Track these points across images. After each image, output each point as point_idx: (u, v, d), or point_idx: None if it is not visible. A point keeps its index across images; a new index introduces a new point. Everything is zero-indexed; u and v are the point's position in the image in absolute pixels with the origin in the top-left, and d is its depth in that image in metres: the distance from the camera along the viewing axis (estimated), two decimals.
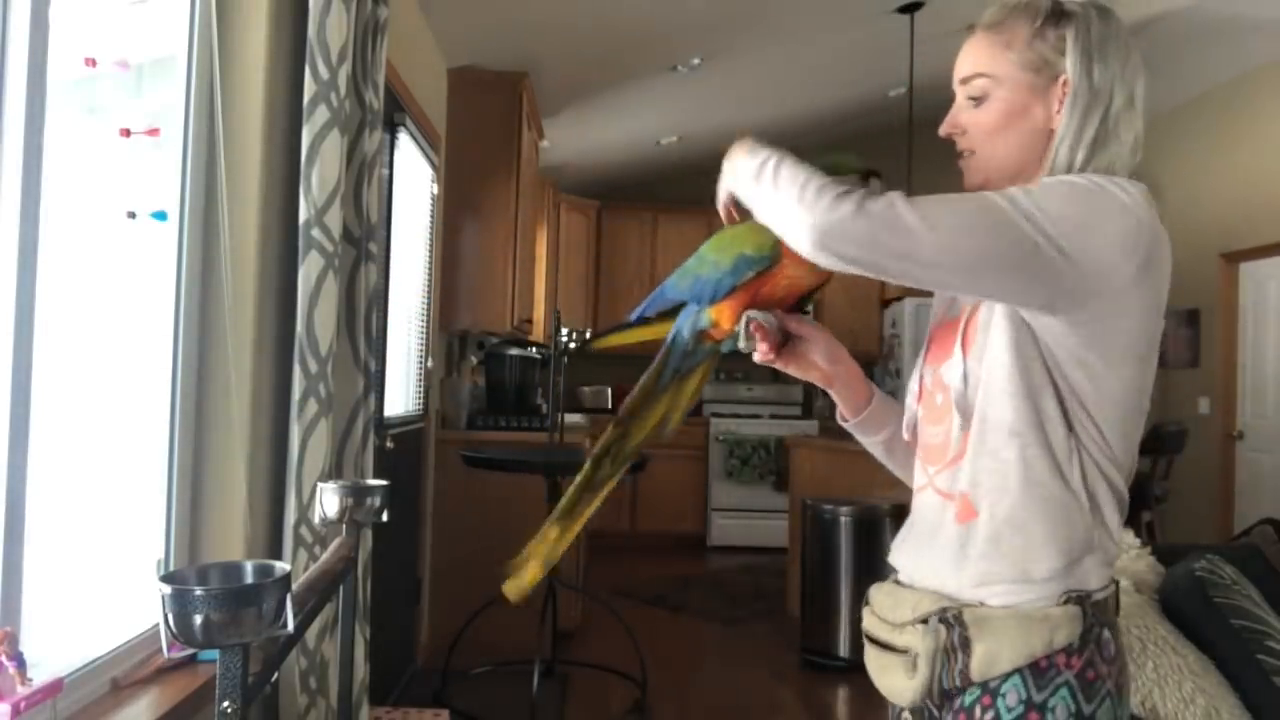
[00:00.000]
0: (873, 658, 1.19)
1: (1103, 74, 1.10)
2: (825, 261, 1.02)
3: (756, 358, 1.23)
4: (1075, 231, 1.01)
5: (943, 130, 1.19)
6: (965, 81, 1.16)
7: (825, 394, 1.34)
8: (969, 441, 1.10)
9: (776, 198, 1.04)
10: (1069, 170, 1.10)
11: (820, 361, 1.28)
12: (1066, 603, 1.06)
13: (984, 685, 1.06)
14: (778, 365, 1.26)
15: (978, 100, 1.15)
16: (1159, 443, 5.23)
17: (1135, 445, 1.10)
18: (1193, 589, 2.04)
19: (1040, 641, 1.04)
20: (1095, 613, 1.07)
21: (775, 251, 1.16)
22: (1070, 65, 1.10)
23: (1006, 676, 1.05)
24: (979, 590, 1.08)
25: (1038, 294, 1.03)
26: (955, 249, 1.00)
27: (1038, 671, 1.05)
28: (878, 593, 1.21)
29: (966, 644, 1.07)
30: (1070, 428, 1.06)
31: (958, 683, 1.08)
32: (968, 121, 1.17)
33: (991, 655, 1.06)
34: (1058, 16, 1.12)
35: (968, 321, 1.14)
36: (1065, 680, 1.04)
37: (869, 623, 1.20)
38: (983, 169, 1.17)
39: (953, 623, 1.09)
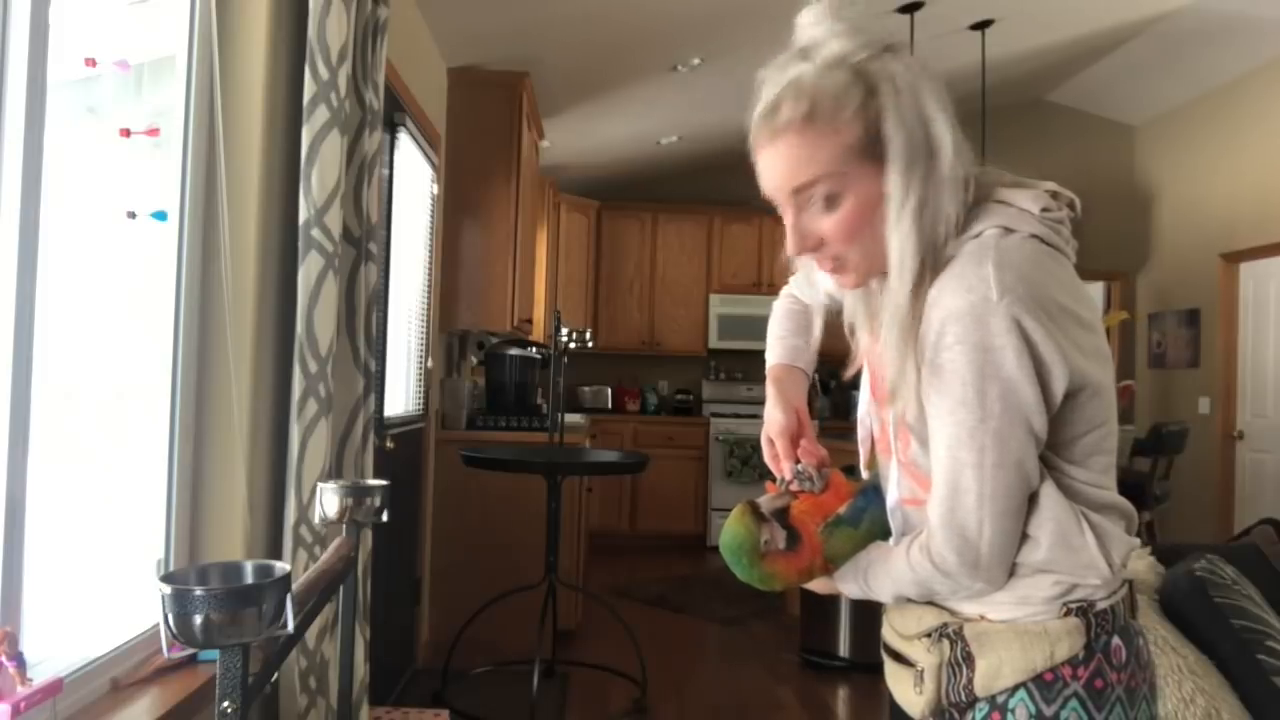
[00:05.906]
0: (889, 668, 1.20)
1: (930, 124, 1.00)
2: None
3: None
4: (1019, 404, 0.97)
5: (794, 250, 1.06)
6: (801, 190, 1.03)
7: (824, 394, 1.34)
8: None
9: (902, 589, 1.11)
10: (946, 243, 1.01)
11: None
12: (1067, 614, 1.04)
13: (991, 700, 1.05)
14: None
15: (830, 201, 1.03)
16: (1159, 443, 5.21)
17: (1112, 457, 1.07)
18: (1193, 589, 2.04)
19: (1041, 656, 1.03)
20: (1100, 622, 1.04)
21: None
22: (901, 134, 0.99)
23: (1013, 691, 1.04)
24: (979, 605, 1.08)
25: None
26: (1003, 529, 1.01)
27: (1044, 685, 1.03)
28: (892, 604, 1.21)
29: (969, 659, 1.07)
30: (1041, 469, 1.03)
31: (963, 697, 1.07)
32: (825, 230, 1.04)
33: (993, 670, 1.05)
34: (868, 85, 1.00)
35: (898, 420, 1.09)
36: (1074, 691, 1.03)
37: (885, 632, 1.21)
38: (864, 271, 1.08)
39: (954, 637, 1.08)
